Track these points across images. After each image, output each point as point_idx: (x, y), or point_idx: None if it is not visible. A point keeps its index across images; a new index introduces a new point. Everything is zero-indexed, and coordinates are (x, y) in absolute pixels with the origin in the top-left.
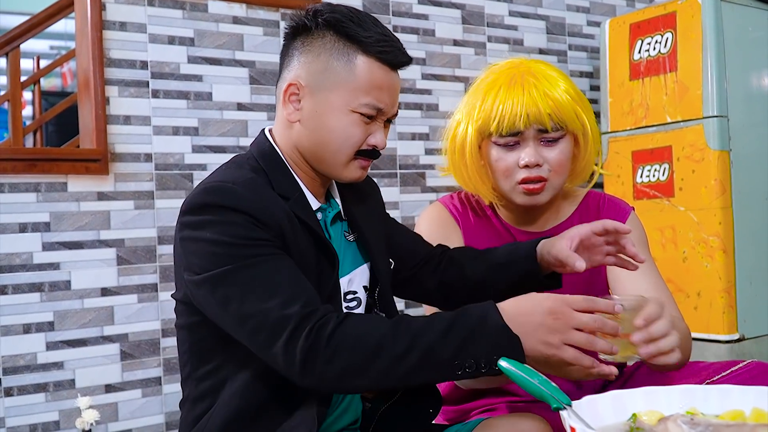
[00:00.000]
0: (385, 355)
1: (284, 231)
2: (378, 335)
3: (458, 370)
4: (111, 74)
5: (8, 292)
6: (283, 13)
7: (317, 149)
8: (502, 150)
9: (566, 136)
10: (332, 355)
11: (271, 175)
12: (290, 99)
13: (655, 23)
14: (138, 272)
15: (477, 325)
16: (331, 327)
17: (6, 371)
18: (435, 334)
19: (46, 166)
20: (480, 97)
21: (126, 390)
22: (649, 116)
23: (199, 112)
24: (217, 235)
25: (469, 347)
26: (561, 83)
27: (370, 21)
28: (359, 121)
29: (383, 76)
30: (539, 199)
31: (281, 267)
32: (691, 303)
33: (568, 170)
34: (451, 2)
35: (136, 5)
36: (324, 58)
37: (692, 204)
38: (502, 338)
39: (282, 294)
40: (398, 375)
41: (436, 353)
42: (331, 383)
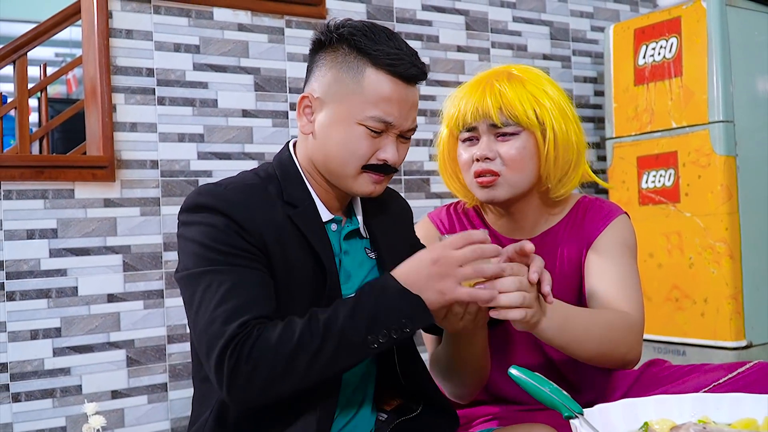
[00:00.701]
0: (303, 354)
1: (266, 239)
2: (295, 338)
3: (372, 344)
4: (117, 82)
5: (16, 298)
6: (288, 20)
7: (326, 161)
8: (464, 145)
9: (523, 132)
10: (253, 370)
11: (283, 183)
12: (304, 111)
13: (659, 28)
14: (144, 278)
15: (379, 297)
16: (250, 343)
17: (14, 377)
18: (343, 318)
19: (54, 173)
20: (453, 99)
21: (132, 396)
22: (655, 121)
23: (204, 119)
24: (200, 236)
25: (378, 321)
26: (531, 84)
27: (384, 35)
28: (366, 135)
29: (392, 88)
30: (495, 194)
31: (246, 278)
32: (698, 309)
33: (525, 168)
34: (455, 8)
35: (143, 13)
36: (335, 70)
37: (698, 209)
38: (404, 302)
39: (232, 306)
40: (319, 368)
41: (348, 337)
42: (258, 396)
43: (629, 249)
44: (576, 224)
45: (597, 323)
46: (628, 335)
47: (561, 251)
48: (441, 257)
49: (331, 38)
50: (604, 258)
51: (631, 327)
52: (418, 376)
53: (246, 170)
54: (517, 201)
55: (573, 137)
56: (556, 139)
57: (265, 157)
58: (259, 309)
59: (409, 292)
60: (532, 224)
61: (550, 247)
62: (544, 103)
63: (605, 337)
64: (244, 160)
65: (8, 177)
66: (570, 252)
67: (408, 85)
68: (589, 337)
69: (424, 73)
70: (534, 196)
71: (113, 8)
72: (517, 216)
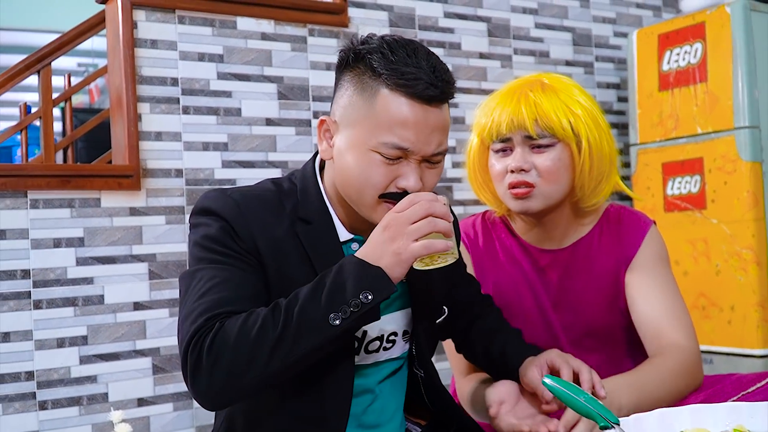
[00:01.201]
0: (264, 340)
1: (260, 250)
2: (256, 326)
3: (334, 321)
4: (142, 91)
5: (43, 306)
6: (311, 29)
7: (344, 190)
8: (496, 156)
9: (558, 144)
10: (213, 363)
11: (300, 198)
12: (324, 135)
13: (684, 33)
14: (169, 286)
15: (337, 273)
16: (211, 335)
17: (40, 385)
18: (303, 299)
19: (80, 182)
20: (485, 108)
21: (158, 404)
22: (679, 127)
23: (228, 128)
24: (199, 238)
25: (337, 296)
26: (565, 95)
27: (404, 52)
28: (380, 162)
29: (408, 111)
30: (529, 205)
31: (234, 277)
32: (724, 317)
33: (560, 179)
34: (477, 15)
35: (167, 23)
36: (350, 92)
37: (725, 216)
38: (362, 273)
39: (211, 299)
40: (282, 354)
41: (309, 316)
42: (221, 391)
43: (666, 261)
44: (609, 235)
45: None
46: (691, 375)
47: (594, 263)
48: (390, 221)
49: (350, 57)
50: (647, 280)
51: (691, 364)
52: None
53: (271, 178)
54: (550, 212)
55: (606, 147)
56: (590, 151)
57: (289, 166)
58: (239, 306)
59: (366, 262)
60: (562, 234)
61: (581, 257)
62: (579, 114)
63: (675, 387)
64: (268, 169)
65: (35, 186)
66: (605, 265)
67: (428, 106)
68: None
69: (446, 93)
70: (566, 207)
71: (138, 18)
72: (548, 226)
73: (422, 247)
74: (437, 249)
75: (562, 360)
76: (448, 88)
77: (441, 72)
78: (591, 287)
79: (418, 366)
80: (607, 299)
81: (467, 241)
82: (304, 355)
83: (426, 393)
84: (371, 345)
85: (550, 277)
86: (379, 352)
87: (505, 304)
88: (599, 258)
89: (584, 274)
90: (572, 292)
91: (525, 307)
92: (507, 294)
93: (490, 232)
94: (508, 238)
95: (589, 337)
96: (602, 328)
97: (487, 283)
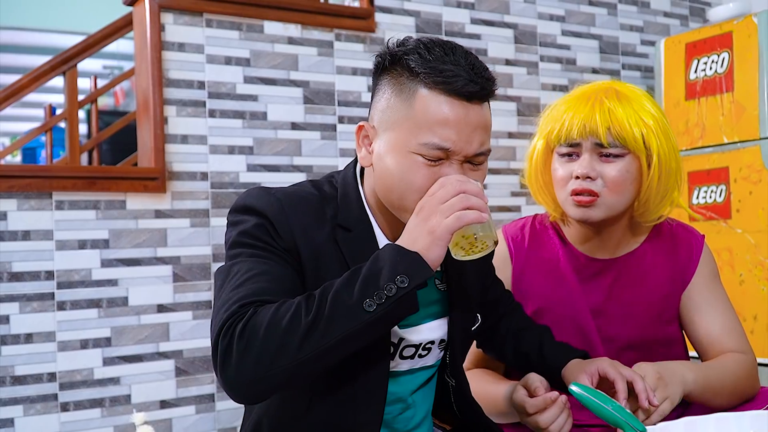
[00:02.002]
0: (297, 326)
1: (300, 250)
2: (290, 311)
3: (369, 306)
4: (169, 94)
5: (66, 308)
6: (338, 33)
7: (385, 196)
8: (562, 160)
9: (628, 155)
10: (245, 348)
11: (341, 205)
12: (363, 141)
13: (711, 43)
14: (193, 289)
15: (374, 260)
16: (245, 321)
17: (63, 386)
18: (338, 285)
19: (106, 184)
20: (554, 110)
21: (180, 406)
22: (706, 136)
23: (254, 132)
24: (238, 235)
25: (372, 280)
26: (638, 104)
27: (441, 50)
28: (421, 164)
29: (449, 109)
30: (590, 214)
31: (272, 270)
32: (747, 327)
33: (626, 191)
34: (504, 22)
35: (194, 26)
36: (387, 95)
37: (749, 226)
38: (399, 258)
39: (246, 290)
40: (315, 339)
41: (343, 301)
42: (250, 378)
43: (719, 277)
44: (663, 250)
45: (728, 377)
46: (753, 381)
47: (646, 276)
48: (423, 204)
49: (386, 60)
50: (706, 299)
51: (752, 371)
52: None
53: (310, 180)
54: (609, 223)
55: (673, 163)
56: (660, 165)
57: (313, 170)
58: (276, 297)
59: (401, 248)
60: (615, 245)
61: (633, 269)
62: (650, 125)
63: (737, 389)
64: (293, 173)
65: (60, 187)
66: (658, 279)
67: (468, 104)
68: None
69: (486, 90)
70: (625, 219)
71: (165, 21)
72: (604, 236)
73: (456, 219)
74: (470, 219)
75: (615, 371)
76: (488, 84)
77: (480, 69)
78: (641, 300)
79: (450, 374)
80: (655, 312)
81: (512, 245)
82: (338, 342)
83: (455, 401)
84: (406, 351)
85: (597, 287)
86: (414, 359)
87: (544, 311)
88: (652, 272)
89: (635, 287)
90: (620, 303)
91: (560, 314)
92: (546, 301)
93: (539, 236)
94: (557, 243)
95: (630, 350)
96: (645, 343)
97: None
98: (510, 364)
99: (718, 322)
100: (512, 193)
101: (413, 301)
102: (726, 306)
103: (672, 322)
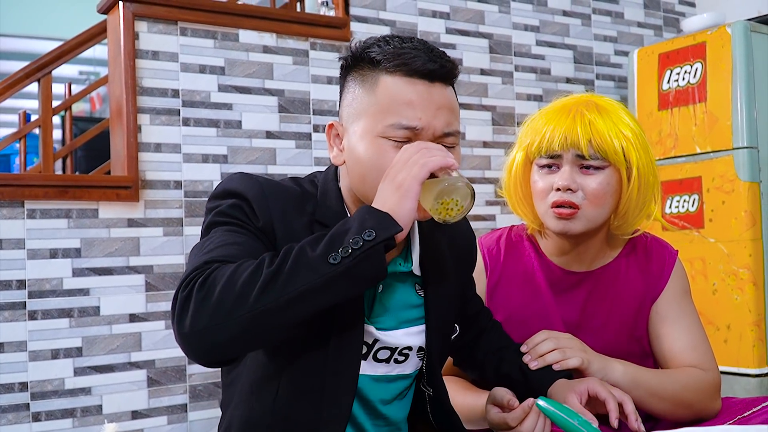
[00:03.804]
0: (258, 276)
1: (276, 234)
2: (253, 265)
3: (333, 259)
4: (143, 102)
5: (38, 317)
6: (313, 42)
7: (361, 188)
8: (542, 172)
9: (609, 168)
10: (204, 298)
11: (320, 199)
12: (334, 141)
13: (684, 53)
14: (166, 298)
15: (343, 222)
16: (207, 273)
17: (34, 396)
18: (305, 241)
19: (78, 192)
20: (533, 122)
21: (152, 416)
22: (679, 146)
23: (228, 140)
24: (214, 215)
25: (339, 236)
26: (616, 117)
27: (398, 39)
28: (390, 148)
29: (411, 89)
30: (571, 227)
31: (243, 242)
32: (720, 336)
33: (606, 204)
34: (479, 32)
35: (169, 35)
36: (352, 89)
37: (722, 236)
38: (367, 216)
39: (214, 254)
40: (275, 292)
41: (306, 255)
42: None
43: (689, 293)
44: (637, 263)
45: (672, 385)
46: (706, 396)
47: (620, 289)
48: (389, 169)
49: (348, 59)
50: (672, 314)
51: (706, 388)
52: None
53: (291, 177)
54: (587, 235)
55: (651, 176)
56: (639, 178)
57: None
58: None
59: (372, 207)
60: (591, 258)
61: (608, 282)
62: (629, 138)
63: (684, 399)
64: None
65: (32, 196)
66: (632, 292)
67: (430, 83)
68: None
69: (446, 68)
70: (603, 231)
71: (140, 29)
72: (581, 249)
73: (420, 167)
74: (435, 164)
75: (605, 391)
76: (448, 63)
77: (440, 52)
78: (615, 313)
79: (426, 383)
80: (628, 326)
81: (487, 257)
82: (298, 295)
83: (432, 411)
84: (381, 353)
85: (572, 300)
86: (390, 363)
87: (516, 323)
88: (626, 285)
89: (608, 301)
90: (595, 316)
91: (534, 328)
92: (519, 314)
93: (515, 248)
94: (532, 256)
95: None
96: (618, 356)
97: (499, 301)
98: (491, 383)
99: (683, 337)
100: (487, 202)
101: (380, 259)
102: (693, 322)
103: (645, 336)
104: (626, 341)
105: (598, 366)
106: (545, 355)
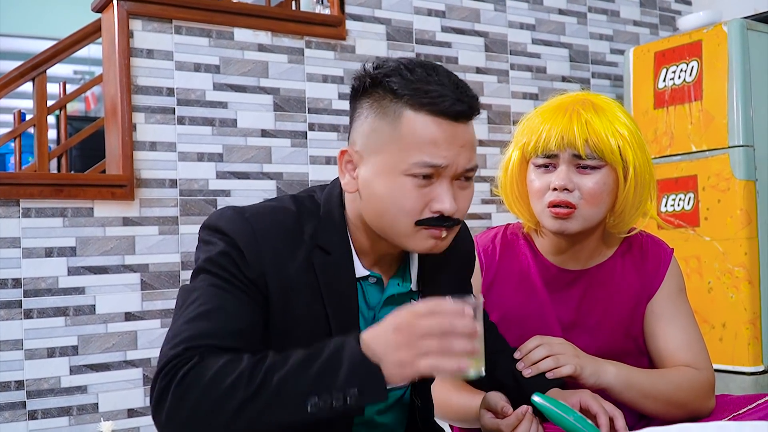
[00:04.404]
0: (235, 396)
1: (267, 280)
2: (233, 375)
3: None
4: (138, 101)
5: (33, 316)
6: (308, 41)
7: (376, 221)
8: (538, 171)
9: (605, 167)
10: (181, 397)
11: (324, 220)
12: (346, 167)
13: (680, 52)
14: (161, 297)
15: (333, 355)
16: (187, 367)
17: (30, 394)
18: (290, 366)
19: (73, 191)
20: (530, 121)
21: (148, 415)
22: (674, 145)
23: (223, 139)
24: (205, 258)
25: (323, 381)
26: (612, 116)
27: (423, 71)
28: (412, 186)
29: (437, 129)
30: (567, 226)
31: (229, 307)
32: (716, 334)
33: (602, 203)
34: (475, 30)
35: (163, 33)
36: (371, 118)
37: (717, 234)
38: (359, 368)
39: (199, 327)
40: (248, 417)
41: (287, 389)
42: (181, 421)
43: (685, 292)
44: (632, 262)
45: (665, 384)
46: (699, 396)
47: (616, 287)
48: (404, 325)
49: (365, 83)
50: (668, 313)
51: (699, 387)
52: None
53: (292, 195)
54: (584, 234)
55: (647, 175)
56: (636, 177)
57: (284, 177)
58: (226, 341)
59: (366, 358)
60: (587, 257)
61: (604, 280)
62: (626, 137)
63: (677, 398)
64: (263, 180)
65: (27, 195)
66: (627, 291)
67: (455, 123)
68: (655, 396)
69: (473, 108)
70: (599, 230)
71: (134, 28)
72: (576, 247)
73: (429, 368)
74: (445, 370)
75: (597, 404)
76: (475, 103)
77: (465, 88)
78: (610, 311)
79: (417, 395)
80: (623, 325)
81: (483, 256)
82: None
83: (422, 423)
84: None
85: (567, 299)
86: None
87: (512, 322)
88: (621, 284)
89: (605, 298)
90: (591, 314)
91: (530, 327)
92: (515, 313)
93: (511, 247)
94: (528, 254)
95: None
96: (613, 355)
97: (494, 300)
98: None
99: (677, 335)
100: (483, 200)
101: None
102: (688, 321)
103: (640, 334)
104: (622, 339)
105: (590, 370)
106: (538, 363)
